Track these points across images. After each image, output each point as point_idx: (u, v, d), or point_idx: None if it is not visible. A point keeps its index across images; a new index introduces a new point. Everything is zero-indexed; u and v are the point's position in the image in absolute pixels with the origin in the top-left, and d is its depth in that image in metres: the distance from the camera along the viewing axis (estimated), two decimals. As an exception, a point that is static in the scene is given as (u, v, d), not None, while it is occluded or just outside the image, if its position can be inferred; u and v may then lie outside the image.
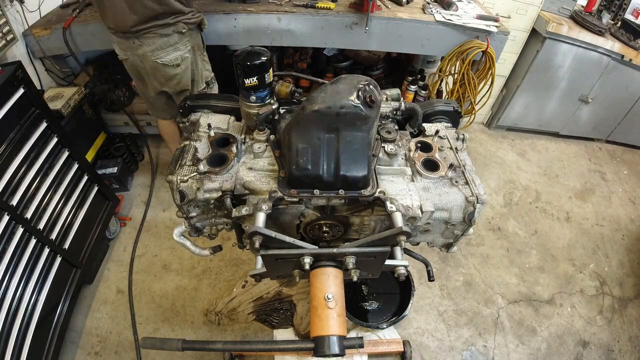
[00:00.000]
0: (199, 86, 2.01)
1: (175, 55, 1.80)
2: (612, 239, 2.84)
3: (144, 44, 1.73)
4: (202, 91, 2.04)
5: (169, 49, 1.77)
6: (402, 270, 0.91)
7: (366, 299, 1.97)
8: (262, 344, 1.00)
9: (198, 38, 1.92)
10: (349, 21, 2.27)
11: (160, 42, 1.74)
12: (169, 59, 1.79)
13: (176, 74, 1.86)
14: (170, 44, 1.76)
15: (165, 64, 1.80)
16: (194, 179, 1.04)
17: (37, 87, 2.30)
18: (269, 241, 0.86)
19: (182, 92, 1.98)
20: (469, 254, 2.58)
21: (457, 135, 1.22)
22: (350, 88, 0.92)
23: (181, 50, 1.81)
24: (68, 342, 1.98)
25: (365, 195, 0.97)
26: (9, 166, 1.55)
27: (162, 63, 1.79)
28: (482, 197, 1.02)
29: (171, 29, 1.72)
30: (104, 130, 2.77)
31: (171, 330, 2.08)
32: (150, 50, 1.75)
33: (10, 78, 1.53)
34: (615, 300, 2.45)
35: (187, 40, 1.82)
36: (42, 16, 2.41)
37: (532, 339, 2.19)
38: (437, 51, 2.52)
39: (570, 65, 3.04)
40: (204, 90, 2.07)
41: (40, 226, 1.71)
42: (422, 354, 2.06)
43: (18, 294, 1.60)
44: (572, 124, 3.56)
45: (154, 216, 2.65)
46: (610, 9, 3.14)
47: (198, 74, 1.97)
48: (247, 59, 1.01)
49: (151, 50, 1.75)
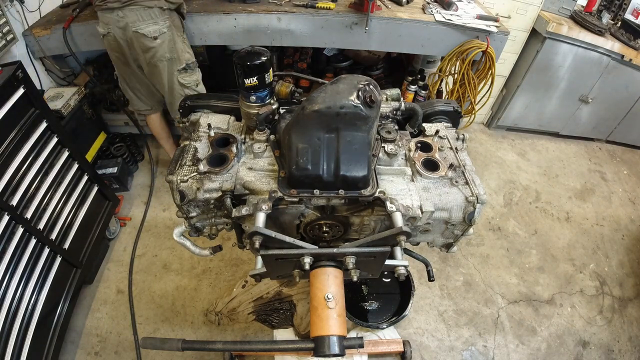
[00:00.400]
0: (178, 64, 2.13)
1: (154, 27, 1.94)
2: (612, 239, 2.84)
3: (126, 16, 1.89)
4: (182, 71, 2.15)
5: (149, 21, 1.92)
6: (402, 270, 0.90)
7: (366, 299, 1.97)
8: (262, 344, 1.00)
9: (177, 20, 2.07)
10: (349, 21, 2.27)
11: (142, 13, 1.89)
12: (147, 30, 1.93)
13: (152, 47, 1.98)
14: (151, 16, 1.92)
15: (144, 34, 1.94)
16: (194, 179, 1.04)
17: (37, 87, 2.30)
18: (269, 241, 0.86)
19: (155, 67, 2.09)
20: (469, 254, 2.58)
21: (457, 135, 1.22)
22: (350, 88, 0.92)
23: (160, 25, 1.95)
24: (68, 342, 1.98)
25: (365, 195, 0.97)
26: (9, 166, 1.55)
27: (142, 33, 1.93)
28: (482, 197, 1.02)
29: (154, 2, 1.89)
30: (104, 130, 2.77)
31: (171, 330, 2.08)
32: (132, 21, 1.90)
33: (10, 78, 1.53)
34: (615, 300, 2.45)
35: (166, 17, 1.97)
36: (42, 16, 2.41)
37: (532, 339, 2.19)
38: (437, 51, 2.52)
39: (570, 65, 3.04)
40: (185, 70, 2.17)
41: (40, 226, 1.71)
42: (422, 354, 2.06)
43: (18, 294, 1.60)
44: (572, 124, 3.56)
45: (154, 216, 2.65)
46: (610, 9, 3.14)
47: (176, 52, 2.09)
48: (247, 59, 1.01)
49: (132, 21, 1.90)
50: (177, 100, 2.25)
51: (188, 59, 2.16)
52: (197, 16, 2.24)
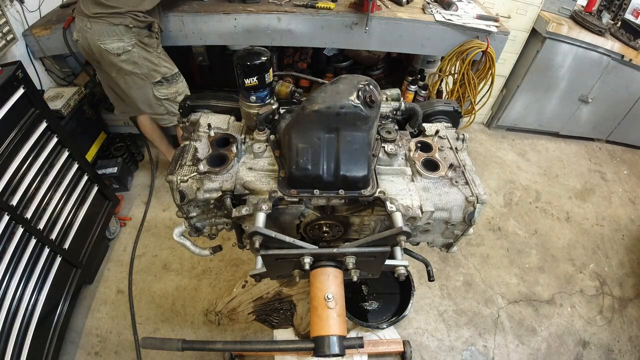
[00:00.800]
0: (152, 78, 2.08)
1: (118, 45, 1.90)
2: (612, 239, 2.84)
3: (92, 28, 1.86)
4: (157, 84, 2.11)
5: (113, 37, 1.88)
6: (402, 270, 0.91)
7: (366, 299, 1.97)
8: (262, 344, 1.00)
9: (147, 37, 2.00)
10: (349, 21, 2.27)
11: (107, 29, 1.85)
12: (112, 46, 1.89)
13: (117, 63, 1.95)
14: (116, 33, 1.87)
15: (107, 50, 1.90)
16: (194, 179, 1.04)
17: (37, 87, 2.30)
18: (269, 241, 0.86)
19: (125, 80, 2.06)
20: (469, 254, 2.58)
21: (457, 135, 1.22)
22: (350, 88, 0.92)
23: (125, 42, 1.91)
24: (68, 342, 1.98)
25: (365, 195, 0.97)
26: (9, 166, 1.54)
27: (105, 49, 1.90)
28: (482, 197, 1.02)
29: (119, 20, 1.84)
30: (104, 130, 2.77)
31: (171, 330, 2.08)
32: (98, 34, 1.87)
33: (10, 78, 1.53)
34: (615, 300, 2.45)
35: (132, 35, 1.92)
36: (42, 16, 2.41)
37: (532, 339, 2.19)
38: (437, 51, 2.52)
39: (570, 65, 3.04)
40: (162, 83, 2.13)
41: (40, 226, 1.71)
42: (422, 354, 2.06)
43: (18, 294, 1.60)
44: (572, 124, 3.56)
45: (154, 216, 2.65)
46: (610, 9, 3.14)
47: (147, 68, 2.04)
48: (247, 59, 1.01)
49: (98, 34, 1.87)
50: (156, 111, 2.23)
51: (165, 73, 2.10)
52: (197, 16, 2.24)
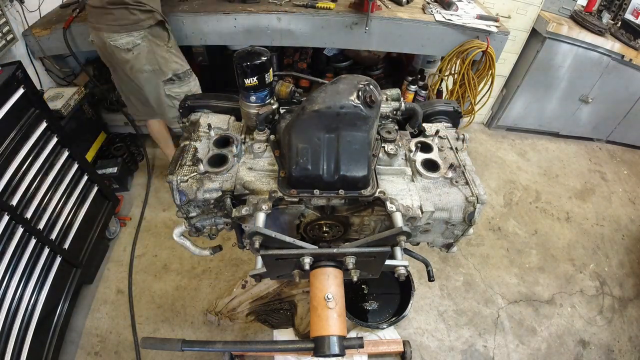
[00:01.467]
0: (163, 76, 2.03)
1: (127, 39, 1.87)
2: (612, 239, 2.84)
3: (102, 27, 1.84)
4: (168, 82, 2.06)
5: (122, 32, 1.84)
6: (402, 270, 0.90)
7: (366, 299, 1.97)
8: (262, 344, 1.00)
9: (158, 30, 1.96)
10: (349, 21, 2.27)
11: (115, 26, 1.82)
12: (121, 42, 1.86)
13: (128, 59, 1.93)
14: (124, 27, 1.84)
15: (117, 47, 1.88)
16: (194, 179, 1.04)
17: (37, 87, 2.30)
18: (269, 241, 0.86)
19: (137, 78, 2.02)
20: (469, 254, 2.58)
21: (457, 135, 1.22)
22: (350, 88, 0.92)
23: (133, 36, 1.88)
24: (68, 342, 1.98)
25: (365, 195, 0.97)
26: (9, 166, 1.54)
27: (115, 46, 1.88)
28: (482, 197, 1.02)
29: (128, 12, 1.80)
30: (104, 130, 2.77)
31: (171, 330, 2.08)
32: (107, 33, 1.84)
33: (10, 78, 1.53)
34: (615, 300, 2.45)
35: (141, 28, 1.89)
36: (42, 16, 2.41)
37: (532, 339, 2.19)
38: (437, 51, 2.52)
39: (570, 65, 3.04)
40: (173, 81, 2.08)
41: (40, 226, 1.71)
42: (422, 354, 2.06)
43: (18, 294, 1.60)
44: (572, 124, 3.56)
45: (153, 216, 2.64)
46: (610, 9, 3.14)
47: (158, 64, 1.99)
48: (247, 59, 1.01)
49: (107, 33, 1.84)
50: (167, 112, 2.17)
51: (176, 69, 2.05)
52: (197, 16, 2.24)
